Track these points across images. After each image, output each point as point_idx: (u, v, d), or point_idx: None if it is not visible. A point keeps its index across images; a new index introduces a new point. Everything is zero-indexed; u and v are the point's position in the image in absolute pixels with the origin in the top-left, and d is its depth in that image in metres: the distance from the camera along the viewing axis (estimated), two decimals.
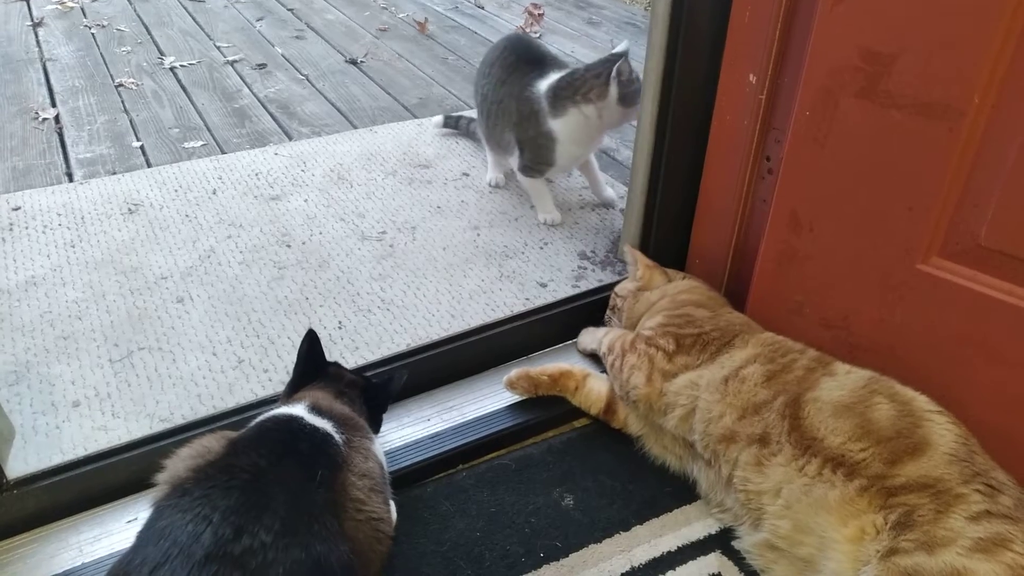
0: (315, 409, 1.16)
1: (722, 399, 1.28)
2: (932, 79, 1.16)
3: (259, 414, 1.18)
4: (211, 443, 1.06)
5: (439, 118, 2.62)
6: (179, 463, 1.03)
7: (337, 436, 1.11)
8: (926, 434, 1.14)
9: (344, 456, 1.09)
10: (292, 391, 1.28)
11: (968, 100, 1.13)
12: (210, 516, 0.89)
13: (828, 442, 1.16)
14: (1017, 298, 1.20)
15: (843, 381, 1.24)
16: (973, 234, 1.21)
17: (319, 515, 0.97)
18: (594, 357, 1.63)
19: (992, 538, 0.99)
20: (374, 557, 1.06)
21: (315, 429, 1.11)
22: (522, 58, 2.08)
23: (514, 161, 2.09)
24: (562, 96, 1.93)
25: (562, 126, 1.94)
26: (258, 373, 1.59)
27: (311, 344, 1.30)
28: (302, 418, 1.13)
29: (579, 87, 1.91)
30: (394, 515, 1.20)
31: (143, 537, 0.92)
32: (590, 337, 1.66)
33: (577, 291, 1.84)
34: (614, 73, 1.87)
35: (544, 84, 1.97)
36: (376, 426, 1.33)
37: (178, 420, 1.46)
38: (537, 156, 2.03)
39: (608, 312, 1.69)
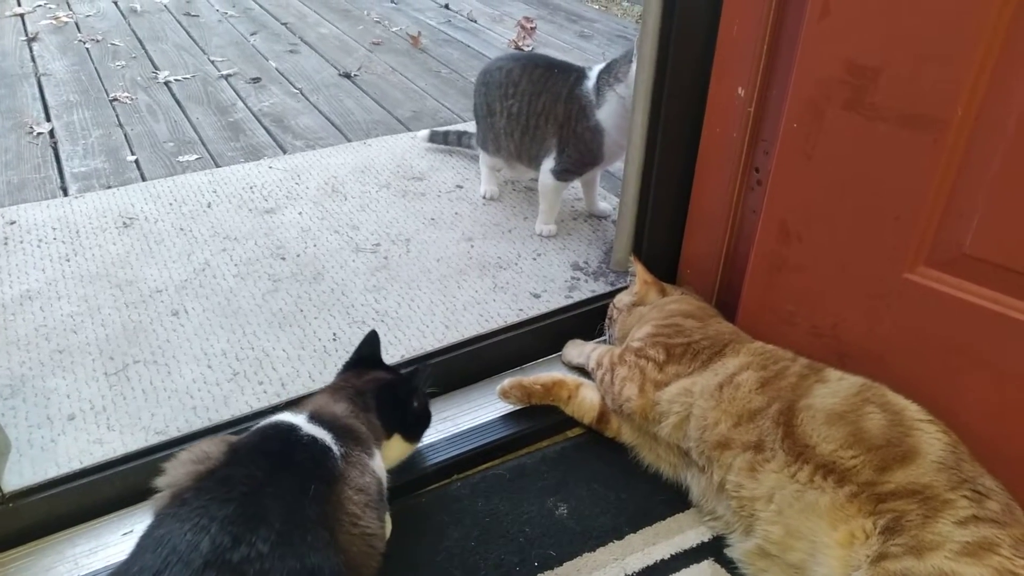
0: (315, 419, 1.16)
1: (717, 406, 1.29)
2: (916, 91, 1.18)
3: (256, 424, 1.18)
4: (211, 448, 1.07)
5: (425, 133, 2.62)
6: (179, 468, 1.03)
7: (335, 449, 1.11)
8: (915, 443, 1.15)
9: (341, 470, 1.09)
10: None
11: (952, 112, 1.16)
12: (208, 526, 0.90)
13: (820, 449, 1.18)
14: (1001, 306, 1.22)
15: (836, 388, 1.26)
16: (958, 243, 1.23)
17: (313, 527, 0.98)
18: (579, 370, 1.63)
19: (979, 542, 1.01)
20: (365, 573, 1.06)
21: (313, 440, 1.11)
22: (548, 67, 2.09)
23: (547, 164, 2.09)
24: (601, 84, 1.97)
25: (607, 115, 1.97)
26: (253, 385, 1.59)
27: (367, 342, 1.37)
28: (300, 428, 1.13)
29: (612, 70, 1.95)
30: (388, 529, 1.20)
31: (141, 545, 0.93)
32: (576, 351, 1.66)
33: (570, 301, 1.85)
34: (634, 49, 1.90)
35: (591, 80, 2.00)
36: (399, 427, 1.29)
37: (173, 433, 1.47)
38: (584, 154, 2.04)
39: (606, 321, 1.70)
